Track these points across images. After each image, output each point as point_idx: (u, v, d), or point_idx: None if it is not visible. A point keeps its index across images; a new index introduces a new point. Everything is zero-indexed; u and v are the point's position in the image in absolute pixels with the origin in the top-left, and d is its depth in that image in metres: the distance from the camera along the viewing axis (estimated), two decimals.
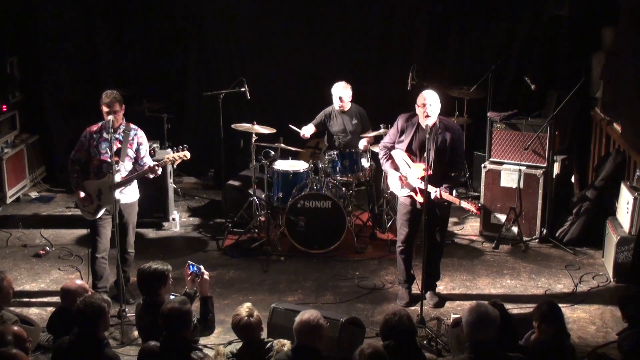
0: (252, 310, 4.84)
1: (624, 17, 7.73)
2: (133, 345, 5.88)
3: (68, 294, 5.49)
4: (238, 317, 4.81)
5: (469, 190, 9.24)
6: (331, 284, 7.07)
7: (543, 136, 7.72)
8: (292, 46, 9.66)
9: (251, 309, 4.84)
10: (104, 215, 6.40)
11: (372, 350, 4.30)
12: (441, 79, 9.03)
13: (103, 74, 9.78)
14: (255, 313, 4.85)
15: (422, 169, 6.16)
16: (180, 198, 9.23)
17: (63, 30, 9.67)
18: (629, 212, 6.88)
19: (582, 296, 6.76)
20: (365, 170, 7.89)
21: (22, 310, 6.22)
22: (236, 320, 4.81)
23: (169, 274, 5.20)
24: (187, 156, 6.42)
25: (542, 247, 7.81)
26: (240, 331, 4.84)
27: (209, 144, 9.51)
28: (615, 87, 8.00)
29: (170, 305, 4.66)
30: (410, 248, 6.57)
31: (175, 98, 9.83)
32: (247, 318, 4.78)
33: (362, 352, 4.30)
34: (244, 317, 4.78)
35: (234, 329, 4.86)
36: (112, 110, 6.28)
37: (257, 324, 4.83)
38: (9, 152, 8.98)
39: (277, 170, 7.90)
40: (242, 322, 4.78)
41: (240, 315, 4.80)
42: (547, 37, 9.15)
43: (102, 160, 6.37)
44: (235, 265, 7.46)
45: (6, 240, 8.02)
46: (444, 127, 6.27)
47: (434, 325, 6.20)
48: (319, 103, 8.39)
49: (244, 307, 4.86)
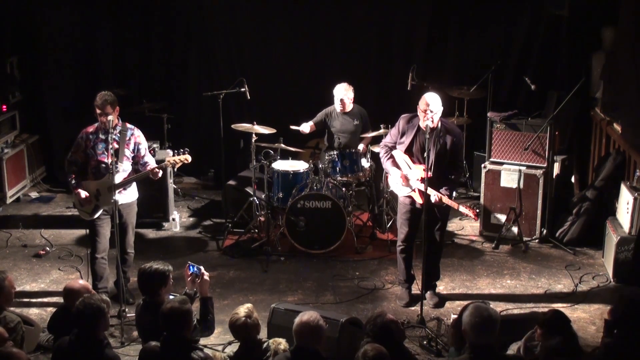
0: (251, 311, 4.83)
1: (624, 17, 7.73)
2: (133, 345, 5.89)
3: (71, 293, 5.49)
4: (235, 317, 4.80)
5: (469, 191, 9.25)
6: (331, 284, 7.07)
7: (543, 136, 7.72)
8: (292, 46, 9.66)
9: (250, 310, 4.84)
10: (103, 215, 6.40)
11: (376, 352, 4.30)
12: (441, 79, 9.03)
13: (103, 74, 9.78)
14: (254, 315, 4.84)
15: (422, 169, 6.16)
16: (180, 198, 9.23)
17: (63, 30, 9.67)
18: (629, 212, 6.88)
19: (582, 296, 6.76)
20: (365, 170, 7.89)
21: (22, 310, 6.22)
22: (233, 319, 4.80)
23: (169, 274, 5.20)
24: (188, 159, 6.41)
25: (542, 247, 7.81)
26: (237, 331, 4.83)
27: (209, 144, 9.51)
28: (615, 87, 8.00)
29: (170, 305, 4.66)
30: (410, 248, 6.57)
31: (175, 98, 9.83)
32: (244, 319, 4.77)
33: (366, 353, 4.30)
34: (241, 317, 4.77)
35: (230, 328, 4.85)
36: (104, 112, 6.24)
37: (254, 325, 4.81)
38: (9, 152, 8.98)
39: (277, 171, 7.90)
40: (239, 322, 4.77)
41: (238, 315, 4.79)
42: (547, 37, 9.15)
43: (99, 160, 6.36)
44: (235, 266, 7.46)
45: (6, 240, 8.02)
46: (445, 130, 6.27)
47: (434, 326, 6.20)
48: (319, 103, 8.39)
49: (243, 308, 4.85)
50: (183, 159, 6.39)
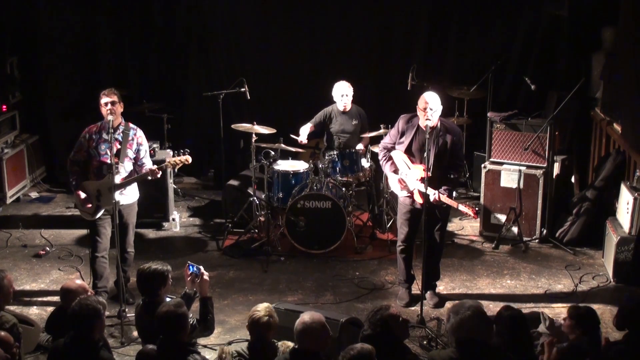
0: (272, 311, 4.84)
1: (624, 17, 7.72)
2: (133, 345, 5.88)
3: (68, 293, 5.48)
4: (258, 315, 4.78)
5: (469, 191, 9.25)
6: (331, 284, 7.06)
7: (543, 136, 7.72)
8: (292, 46, 9.66)
9: (271, 310, 4.85)
10: (103, 215, 6.40)
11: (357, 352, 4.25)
12: (441, 79, 9.03)
13: (103, 74, 9.78)
14: (275, 315, 4.85)
15: (422, 169, 6.16)
16: (180, 198, 9.23)
17: (63, 30, 9.67)
18: (629, 212, 6.88)
19: (582, 296, 6.75)
20: (365, 170, 7.89)
21: (22, 310, 6.24)
22: (256, 317, 4.78)
23: (168, 274, 5.19)
24: (188, 160, 6.41)
25: (542, 247, 7.81)
26: (258, 329, 4.80)
27: (209, 144, 9.52)
28: (615, 87, 8.00)
29: (165, 308, 4.62)
30: (410, 248, 6.57)
31: (175, 98, 9.83)
32: (267, 318, 4.77)
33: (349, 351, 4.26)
34: (264, 317, 4.77)
35: (251, 325, 4.81)
36: (111, 100, 6.26)
37: (276, 325, 4.84)
38: (9, 152, 8.98)
39: (277, 171, 7.90)
40: (262, 320, 4.76)
41: (260, 314, 4.78)
42: (547, 37, 9.15)
43: (101, 161, 6.36)
44: (235, 266, 7.46)
45: (6, 241, 8.02)
46: (444, 129, 6.27)
47: (434, 326, 6.20)
48: (319, 103, 8.39)
49: (263, 306, 4.84)
50: (183, 159, 6.39)
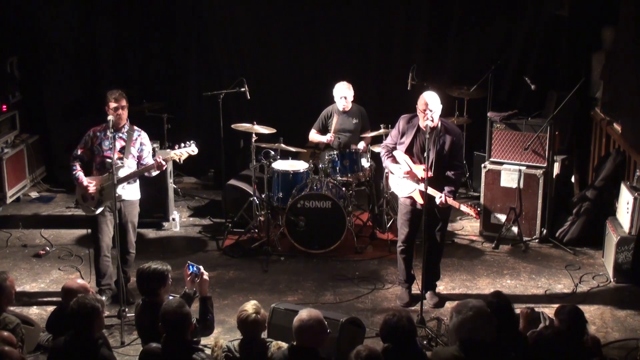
0: (258, 307, 4.86)
1: (624, 17, 7.73)
2: (133, 345, 5.88)
3: (69, 293, 5.47)
4: (245, 314, 4.81)
5: (469, 191, 9.24)
6: (331, 284, 7.07)
7: (543, 136, 7.72)
8: (292, 46, 9.66)
9: (258, 306, 4.86)
10: (106, 211, 6.40)
11: (368, 353, 4.28)
12: (441, 79, 9.04)
13: (103, 74, 9.78)
14: (262, 310, 4.87)
15: (423, 169, 6.16)
16: (180, 198, 9.23)
17: (63, 30, 9.67)
18: (629, 212, 6.88)
19: (582, 296, 6.76)
20: (365, 170, 7.89)
21: (22, 310, 6.24)
22: (243, 316, 4.81)
23: (168, 274, 5.19)
24: (194, 151, 6.40)
25: (542, 247, 7.81)
26: (247, 327, 4.83)
27: (209, 144, 9.51)
28: (615, 87, 8.00)
29: (168, 308, 4.65)
30: (410, 248, 6.57)
31: (175, 98, 9.83)
32: (254, 315, 4.79)
33: (359, 354, 4.28)
34: (251, 314, 4.79)
35: (240, 324, 4.84)
36: (120, 105, 6.30)
37: (263, 321, 4.87)
38: (9, 152, 8.97)
39: (277, 170, 7.90)
40: (250, 318, 4.79)
41: (248, 312, 4.81)
42: (547, 37, 9.15)
43: (105, 156, 6.37)
44: (235, 266, 7.46)
45: (6, 240, 8.02)
46: (444, 129, 6.27)
47: (434, 326, 6.20)
48: (318, 103, 8.39)
49: (250, 304, 4.86)
50: (190, 151, 6.38)
